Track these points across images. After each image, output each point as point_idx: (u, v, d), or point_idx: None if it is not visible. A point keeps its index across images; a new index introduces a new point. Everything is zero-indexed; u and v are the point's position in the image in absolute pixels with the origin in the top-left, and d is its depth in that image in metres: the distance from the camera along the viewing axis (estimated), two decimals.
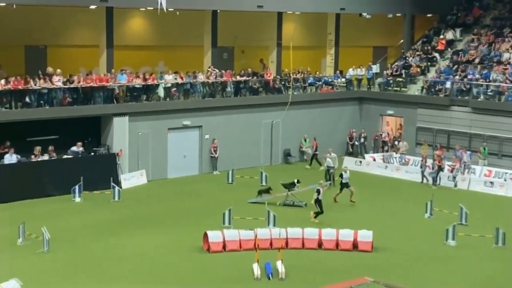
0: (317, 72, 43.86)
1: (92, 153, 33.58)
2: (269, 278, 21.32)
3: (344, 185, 30.91)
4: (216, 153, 37.09)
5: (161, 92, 35.69)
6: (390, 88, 43.37)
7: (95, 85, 33.58)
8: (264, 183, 34.10)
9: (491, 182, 34.40)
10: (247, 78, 39.50)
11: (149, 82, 35.51)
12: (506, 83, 38.20)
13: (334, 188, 32.51)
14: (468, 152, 36.45)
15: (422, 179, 35.78)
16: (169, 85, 36.11)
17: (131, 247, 24.28)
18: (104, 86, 33.84)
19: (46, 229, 23.53)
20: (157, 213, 29.03)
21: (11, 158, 30.85)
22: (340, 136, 41.87)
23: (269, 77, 40.45)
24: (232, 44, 43.03)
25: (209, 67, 38.27)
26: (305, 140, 40.45)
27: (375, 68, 44.21)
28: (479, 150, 36.74)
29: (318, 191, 27.52)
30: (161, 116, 35.33)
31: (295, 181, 30.27)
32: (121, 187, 32.08)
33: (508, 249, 24.45)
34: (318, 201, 27.57)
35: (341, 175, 31.00)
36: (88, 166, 32.42)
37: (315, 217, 27.55)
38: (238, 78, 39.13)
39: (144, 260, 22.94)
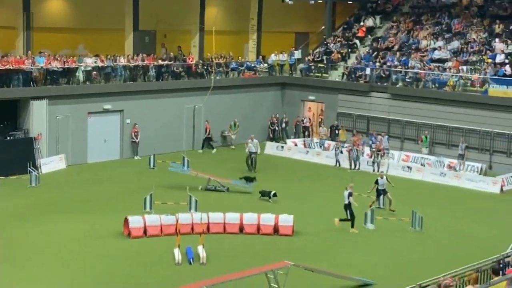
0: (240, 57, 43.89)
1: (9, 137, 32.77)
2: (190, 263, 21.31)
3: (381, 192, 27.78)
4: (137, 138, 36.72)
5: (81, 75, 35.07)
6: (311, 74, 43.79)
7: (11, 67, 32.71)
8: (186, 168, 33.97)
9: (409, 167, 35.19)
10: (169, 63, 39.20)
11: (69, 65, 34.83)
12: (424, 70, 39.06)
13: (256, 173, 32.61)
14: (386, 136, 37.16)
15: (336, 163, 36.43)
16: (90, 68, 35.51)
17: (50, 234, 23.85)
18: (22, 68, 33.03)
19: None
20: (76, 199, 28.59)
21: None
22: (262, 121, 42.07)
23: (191, 61, 40.25)
24: (154, 27, 42.58)
25: None
26: (234, 125, 40.36)
27: (297, 54, 44.54)
28: (420, 138, 37.18)
29: (350, 194, 25.19)
30: (81, 100, 34.74)
31: (272, 193, 28.85)
32: (39, 172, 31.44)
33: (424, 232, 25.08)
34: (348, 206, 25.19)
35: (376, 182, 27.83)
36: (4, 150, 31.67)
37: (351, 226, 25.07)
38: (160, 62, 38.78)
39: (64, 247, 22.59)
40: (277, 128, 42.15)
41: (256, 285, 18.78)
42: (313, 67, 43.89)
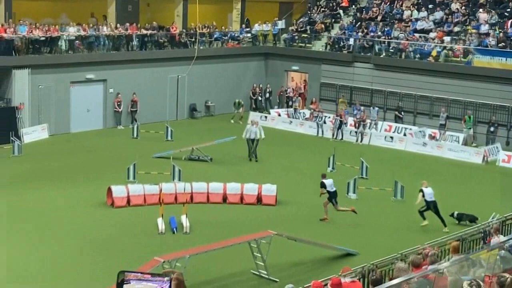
0: (223, 27, 43.70)
1: None
2: (173, 232, 21.43)
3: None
4: (120, 108, 36.61)
5: (63, 44, 34.81)
6: (295, 44, 43.70)
7: None
8: (169, 138, 34.01)
9: (391, 137, 35.39)
10: (153, 32, 38.97)
11: (51, 34, 34.55)
12: (406, 40, 39.10)
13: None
14: (376, 108, 37.32)
15: (318, 133, 36.78)
16: (73, 37, 35.25)
17: (33, 203, 23.85)
18: (2, 37, 32.70)
19: None
20: (59, 168, 28.54)
21: None
22: (246, 91, 42.01)
23: (175, 31, 40.04)
24: None
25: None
26: (238, 104, 39.55)
27: (281, 24, 44.40)
28: (464, 118, 35.11)
29: (422, 192, 22.68)
30: (64, 69, 34.52)
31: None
32: (22, 142, 31.32)
33: (406, 202, 25.30)
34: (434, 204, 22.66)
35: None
36: None
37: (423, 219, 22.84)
38: (144, 31, 38.55)
39: (46, 215, 22.62)
40: (259, 98, 42.10)
41: (239, 254, 18.96)
42: (296, 37, 43.80)
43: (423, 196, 22.57)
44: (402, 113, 37.47)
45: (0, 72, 33.22)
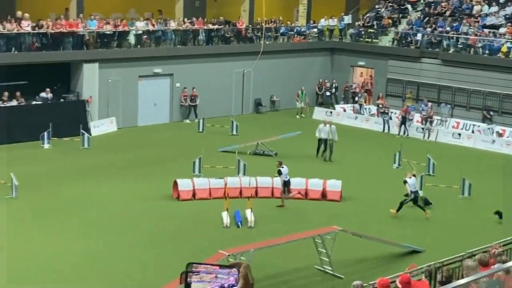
0: (289, 22, 43.65)
1: (62, 100, 33.30)
2: (238, 226, 21.54)
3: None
4: (186, 102, 36.96)
5: (132, 39, 35.34)
6: (361, 39, 43.31)
7: (64, 30, 33.12)
8: (234, 133, 34.18)
9: (459, 134, 34.81)
10: (219, 27, 39.21)
11: (120, 28, 35.10)
12: (476, 36, 38.37)
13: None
14: (448, 106, 36.79)
15: (384, 128, 36.51)
16: (140, 32, 35.74)
17: (100, 195, 24.28)
18: (74, 31, 33.39)
19: (14, 175, 23.42)
20: (126, 161, 28.98)
21: None
22: (311, 86, 41.85)
23: (241, 26, 40.19)
24: None
25: None
26: (302, 93, 39.78)
27: (347, 19, 44.08)
28: None
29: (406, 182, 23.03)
30: (132, 63, 35.02)
31: None
32: (90, 134, 31.93)
33: (473, 200, 24.87)
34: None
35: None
36: (57, 112, 32.16)
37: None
38: (210, 26, 38.81)
39: (113, 208, 22.99)
40: (327, 93, 41.80)
41: (303, 249, 18.93)
42: (363, 32, 43.42)
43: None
44: (491, 113, 36.38)
45: (71, 66, 33.94)
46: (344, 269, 18.68)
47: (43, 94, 32.53)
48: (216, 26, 38.99)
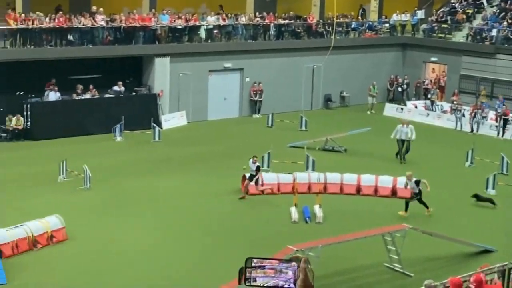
0: (360, 17, 43.23)
1: (133, 93, 33.79)
2: (306, 222, 21.44)
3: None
4: (256, 97, 37.01)
5: (202, 33, 35.58)
6: (434, 34, 42.60)
7: (137, 25, 33.58)
8: (303, 128, 34.06)
9: None
10: (290, 22, 39.13)
11: (191, 23, 35.39)
12: None
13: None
14: None
15: (456, 125, 35.82)
16: (211, 26, 35.95)
17: (169, 188, 24.50)
18: (147, 26, 33.81)
19: (87, 167, 23.87)
20: (196, 155, 29.18)
21: (54, 95, 31.24)
22: (382, 82, 41.37)
23: (311, 20, 40.01)
24: None
25: None
26: (373, 87, 39.53)
27: (420, 14, 43.39)
28: None
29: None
30: (203, 57, 35.26)
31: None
32: (161, 128, 32.28)
33: None
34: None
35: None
36: (129, 105, 32.66)
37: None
38: (281, 21, 38.76)
39: (182, 201, 23.17)
40: (399, 89, 41.22)
41: (372, 246, 18.71)
42: (436, 27, 42.67)
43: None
44: None
45: (143, 59, 34.40)
46: (414, 267, 18.39)
47: (115, 88, 33.07)
48: (286, 21, 38.92)
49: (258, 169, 23.67)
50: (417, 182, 22.40)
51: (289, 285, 4.49)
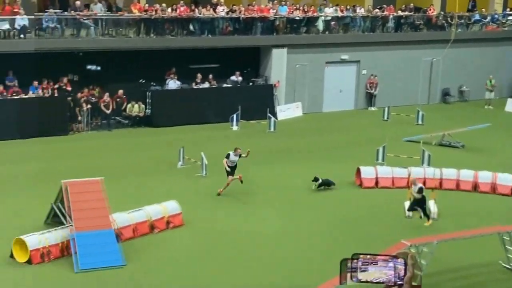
0: (484, 10, 42.06)
1: (250, 83, 34.24)
2: (421, 217, 21.14)
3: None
4: (372, 89, 36.73)
5: (320, 25, 35.61)
6: None
7: (256, 16, 33.98)
8: (420, 122, 33.55)
9: None
10: (409, 14, 38.56)
11: (309, 14, 35.48)
12: None
13: None
14: None
15: None
16: (329, 18, 35.92)
17: (284, 178, 24.71)
18: (265, 17, 34.17)
19: (204, 155, 24.40)
20: (310, 146, 29.30)
21: (174, 84, 32.10)
22: (505, 77, 40.13)
23: (432, 13, 39.27)
24: None
25: None
26: (489, 81, 38.55)
27: None
28: None
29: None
30: (319, 49, 35.30)
31: None
32: (276, 118, 32.57)
33: None
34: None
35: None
36: (246, 95, 33.14)
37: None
38: (400, 13, 38.26)
39: (295, 191, 23.33)
40: None
41: (488, 245, 18.27)
42: None
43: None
44: None
45: (260, 50, 34.79)
46: None
47: (233, 78, 33.64)
48: (406, 13, 38.38)
49: (227, 156, 22.72)
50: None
51: (398, 281, 4.53)
